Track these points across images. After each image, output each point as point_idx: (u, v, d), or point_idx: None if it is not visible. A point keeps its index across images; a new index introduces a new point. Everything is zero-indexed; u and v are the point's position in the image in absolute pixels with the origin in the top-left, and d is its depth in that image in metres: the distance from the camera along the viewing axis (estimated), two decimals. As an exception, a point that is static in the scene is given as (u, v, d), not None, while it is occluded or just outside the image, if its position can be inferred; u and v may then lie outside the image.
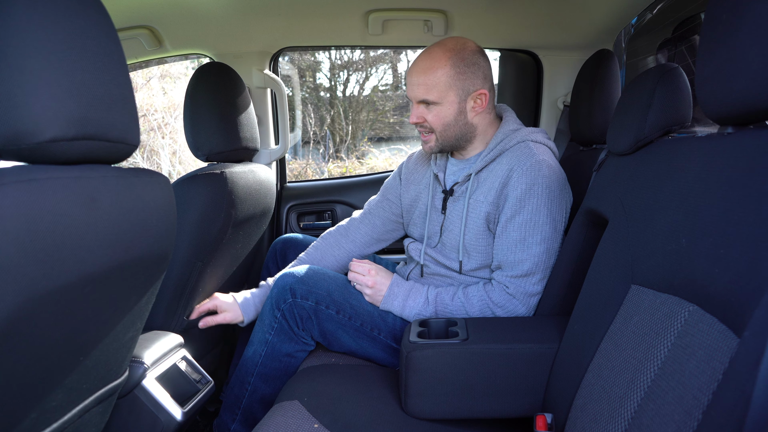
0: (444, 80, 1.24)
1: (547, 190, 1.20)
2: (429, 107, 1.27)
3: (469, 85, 1.26)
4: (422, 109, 1.28)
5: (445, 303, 1.26)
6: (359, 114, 6.76)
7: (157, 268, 0.81)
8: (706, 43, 0.71)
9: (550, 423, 0.94)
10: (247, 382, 1.32)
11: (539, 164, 1.21)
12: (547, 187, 1.20)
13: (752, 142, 0.64)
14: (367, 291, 1.30)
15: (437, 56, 1.25)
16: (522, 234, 1.20)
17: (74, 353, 0.70)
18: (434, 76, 1.24)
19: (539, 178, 1.20)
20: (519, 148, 1.25)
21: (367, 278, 1.31)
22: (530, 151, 1.23)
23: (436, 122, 1.28)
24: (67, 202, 0.60)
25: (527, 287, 1.21)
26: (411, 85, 1.29)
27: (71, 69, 0.61)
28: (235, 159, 1.43)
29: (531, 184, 1.20)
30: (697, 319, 0.64)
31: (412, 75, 1.28)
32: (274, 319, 1.29)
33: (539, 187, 1.20)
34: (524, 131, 1.29)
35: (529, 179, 1.20)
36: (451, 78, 1.24)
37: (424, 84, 1.25)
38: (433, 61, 1.25)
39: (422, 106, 1.28)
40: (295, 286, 1.27)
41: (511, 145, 1.27)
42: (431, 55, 1.26)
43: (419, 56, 1.29)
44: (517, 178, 1.21)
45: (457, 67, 1.24)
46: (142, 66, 1.89)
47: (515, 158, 1.23)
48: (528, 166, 1.20)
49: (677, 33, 1.86)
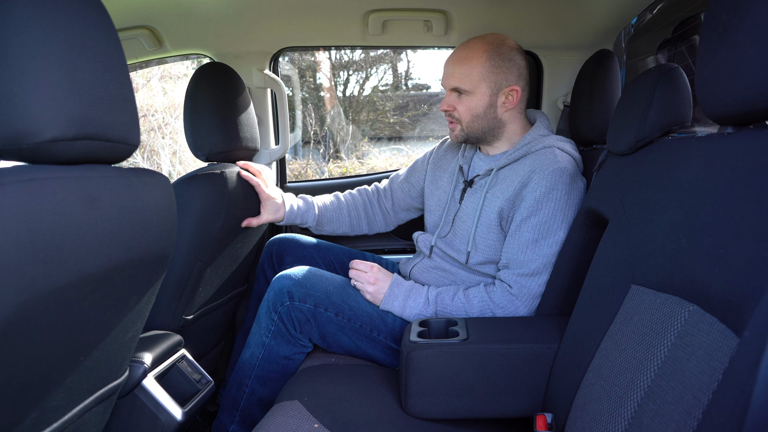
0: (478, 71, 1.27)
1: (566, 196, 1.20)
2: (460, 97, 1.30)
3: (502, 80, 1.28)
4: (454, 97, 1.31)
5: (445, 303, 1.26)
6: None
7: (157, 268, 0.81)
8: (706, 43, 0.71)
9: (550, 423, 0.94)
10: (244, 384, 1.32)
11: (561, 171, 1.21)
12: (566, 194, 1.20)
13: (752, 142, 0.64)
14: (369, 288, 1.31)
15: (475, 47, 1.28)
16: (535, 235, 1.21)
17: (74, 353, 0.70)
18: (469, 66, 1.27)
19: (559, 184, 1.20)
20: (544, 153, 1.25)
21: (369, 275, 1.31)
22: (555, 157, 1.23)
23: (465, 112, 1.31)
24: (67, 202, 0.60)
25: (532, 287, 1.21)
26: (446, 73, 1.32)
27: (71, 69, 0.61)
28: (235, 159, 1.43)
29: (550, 188, 1.20)
30: (697, 319, 0.64)
31: (449, 64, 1.31)
32: (272, 322, 1.28)
33: (558, 192, 1.20)
34: (553, 138, 1.30)
35: (549, 183, 1.20)
36: (485, 70, 1.27)
37: (458, 73, 1.28)
38: (471, 51, 1.28)
39: (454, 95, 1.31)
40: (293, 289, 1.27)
41: (537, 149, 1.27)
42: (469, 46, 1.29)
43: (458, 47, 1.32)
44: (538, 180, 1.21)
45: (492, 60, 1.27)
46: (142, 66, 1.89)
47: (538, 161, 1.24)
48: (550, 171, 1.21)
49: (677, 33, 1.86)
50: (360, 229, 1.64)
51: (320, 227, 1.60)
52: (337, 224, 1.61)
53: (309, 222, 1.57)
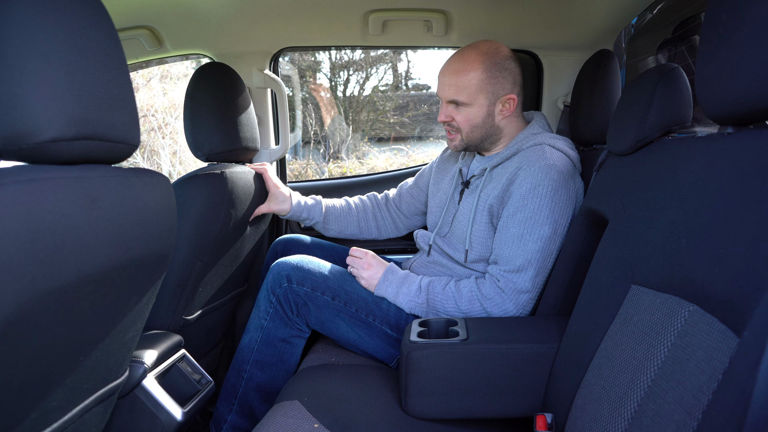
0: (475, 83, 1.27)
1: (552, 192, 1.20)
2: (458, 107, 1.31)
3: (499, 89, 1.29)
4: (451, 108, 1.32)
5: (436, 292, 1.28)
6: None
7: (157, 268, 0.81)
8: (706, 43, 0.71)
9: (550, 423, 0.94)
10: (243, 370, 1.34)
11: (549, 167, 1.21)
12: (552, 190, 1.20)
13: (752, 142, 0.64)
14: (363, 274, 1.33)
15: (470, 59, 1.28)
16: (520, 230, 1.21)
17: (74, 353, 0.70)
18: (466, 79, 1.27)
19: (546, 180, 1.20)
20: (533, 150, 1.26)
21: (364, 261, 1.34)
22: (543, 154, 1.24)
23: (463, 123, 1.31)
24: (67, 202, 0.60)
25: (517, 283, 1.21)
26: (442, 85, 1.32)
27: (71, 69, 0.61)
28: (235, 159, 1.43)
29: (536, 183, 1.20)
30: (697, 319, 0.64)
31: (444, 75, 1.31)
32: (270, 305, 1.31)
33: (544, 188, 1.20)
34: (545, 135, 1.30)
35: (535, 179, 1.20)
36: (482, 81, 1.27)
37: (455, 85, 1.28)
38: (466, 63, 1.27)
39: (451, 106, 1.32)
40: (291, 272, 1.30)
41: (528, 146, 1.28)
42: (464, 57, 1.29)
43: (452, 57, 1.31)
44: (524, 176, 1.22)
45: (489, 71, 1.27)
46: (143, 66, 1.89)
47: (526, 158, 1.25)
48: (537, 167, 1.21)
49: (677, 33, 1.86)
50: (369, 232, 1.66)
51: (326, 225, 1.61)
52: (345, 224, 1.63)
53: (315, 217, 1.58)
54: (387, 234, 1.68)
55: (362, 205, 1.66)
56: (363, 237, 1.67)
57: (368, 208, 1.65)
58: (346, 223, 1.63)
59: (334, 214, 1.61)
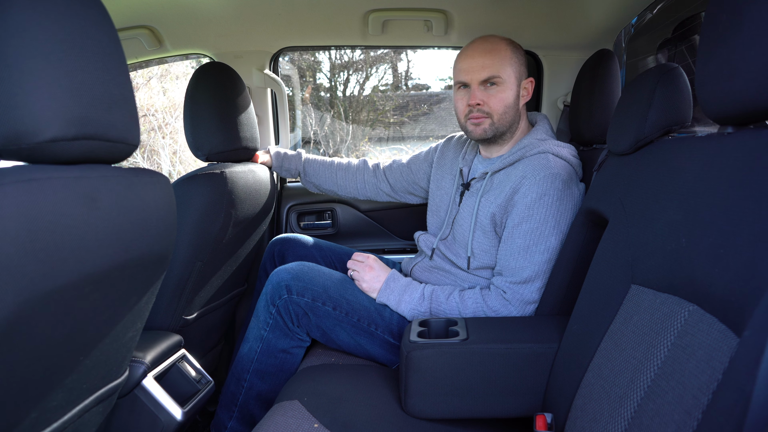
0: (508, 59, 1.28)
1: (557, 202, 1.19)
2: (489, 89, 1.28)
3: (523, 70, 1.31)
4: (482, 91, 1.29)
5: (439, 301, 1.26)
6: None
7: (157, 268, 0.81)
8: (706, 43, 0.71)
9: (550, 423, 0.94)
10: (243, 379, 1.32)
11: (553, 177, 1.20)
12: (558, 199, 1.19)
13: (752, 142, 0.64)
14: (365, 277, 1.32)
15: (496, 40, 1.30)
16: (527, 242, 1.20)
17: (74, 353, 0.70)
18: (499, 55, 1.27)
19: (551, 190, 1.19)
20: (537, 158, 1.24)
21: (365, 264, 1.33)
22: (547, 163, 1.22)
23: (497, 105, 1.28)
24: (67, 201, 0.60)
25: (525, 294, 1.20)
26: (473, 67, 1.28)
27: (71, 69, 0.61)
28: (235, 159, 1.43)
29: (541, 194, 1.19)
30: (697, 318, 0.64)
31: (474, 57, 1.28)
32: (269, 315, 1.29)
33: (549, 198, 1.19)
34: (550, 143, 1.29)
35: (540, 189, 1.19)
36: (512, 59, 1.29)
37: (489, 64, 1.27)
38: (494, 44, 1.29)
39: (481, 88, 1.29)
40: (291, 282, 1.28)
41: (532, 154, 1.27)
42: (489, 40, 1.30)
43: (475, 43, 1.31)
44: (529, 186, 1.20)
45: (515, 50, 1.30)
46: (143, 66, 1.89)
47: (531, 167, 1.23)
48: (542, 177, 1.20)
49: (677, 33, 1.86)
50: (346, 190, 1.68)
51: (306, 177, 1.67)
52: (323, 179, 1.67)
53: (295, 167, 1.66)
54: (366, 195, 1.68)
55: (346, 165, 1.68)
56: (341, 194, 1.69)
57: (352, 168, 1.67)
58: (324, 177, 1.67)
59: (314, 166, 1.67)
